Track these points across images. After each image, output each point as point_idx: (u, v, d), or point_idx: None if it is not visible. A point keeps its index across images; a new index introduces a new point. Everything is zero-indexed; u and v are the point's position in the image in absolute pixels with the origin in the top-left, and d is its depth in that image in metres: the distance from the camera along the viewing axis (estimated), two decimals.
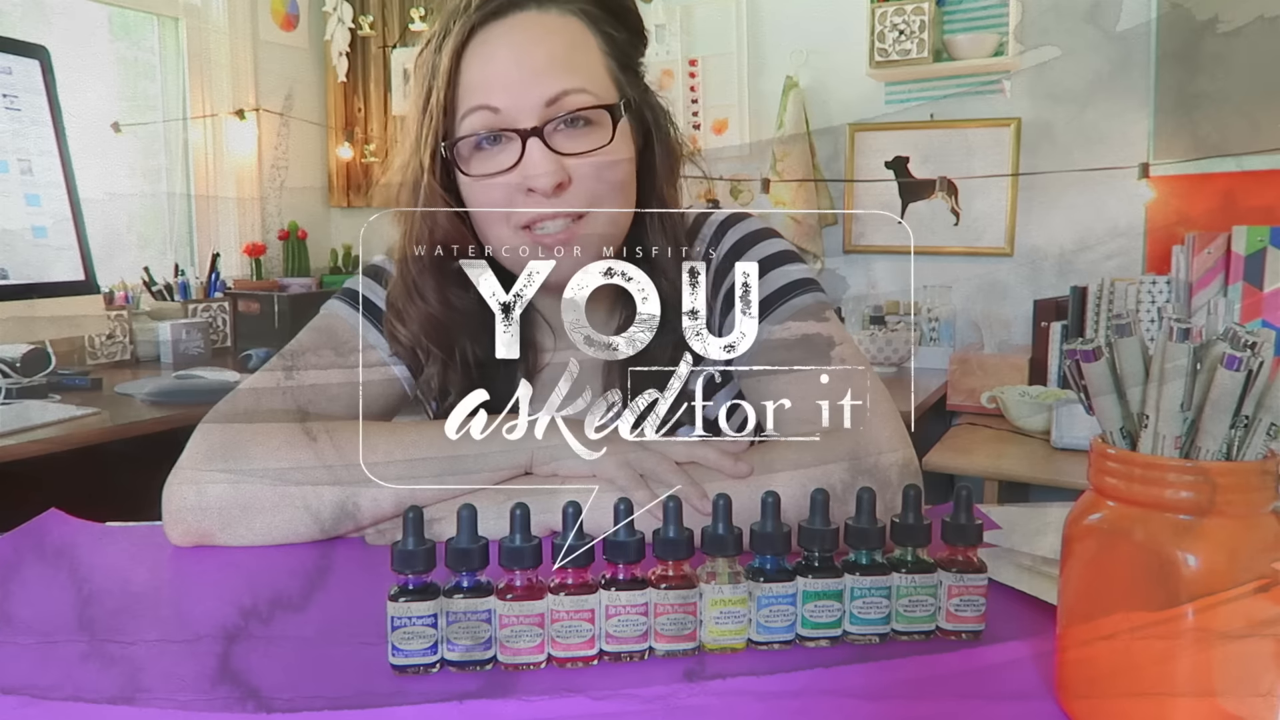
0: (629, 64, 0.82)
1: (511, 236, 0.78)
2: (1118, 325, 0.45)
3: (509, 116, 0.74)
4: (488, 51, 0.75)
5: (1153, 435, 0.43)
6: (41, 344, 2.03)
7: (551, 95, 0.74)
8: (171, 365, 2.48)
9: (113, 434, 1.75)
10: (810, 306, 0.83)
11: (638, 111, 0.82)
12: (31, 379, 1.99)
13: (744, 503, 0.56)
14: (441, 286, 0.81)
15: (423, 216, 0.78)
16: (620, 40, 0.81)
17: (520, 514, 0.50)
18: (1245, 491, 0.42)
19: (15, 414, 1.71)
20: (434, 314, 0.82)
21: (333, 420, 0.79)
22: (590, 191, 0.76)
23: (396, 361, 0.86)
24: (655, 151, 0.84)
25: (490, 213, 0.77)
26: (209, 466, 0.73)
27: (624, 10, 0.82)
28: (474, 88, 0.75)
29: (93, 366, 2.38)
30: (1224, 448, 0.43)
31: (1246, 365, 0.41)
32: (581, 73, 0.76)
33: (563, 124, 0.75)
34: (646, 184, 0.83)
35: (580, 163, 0.75)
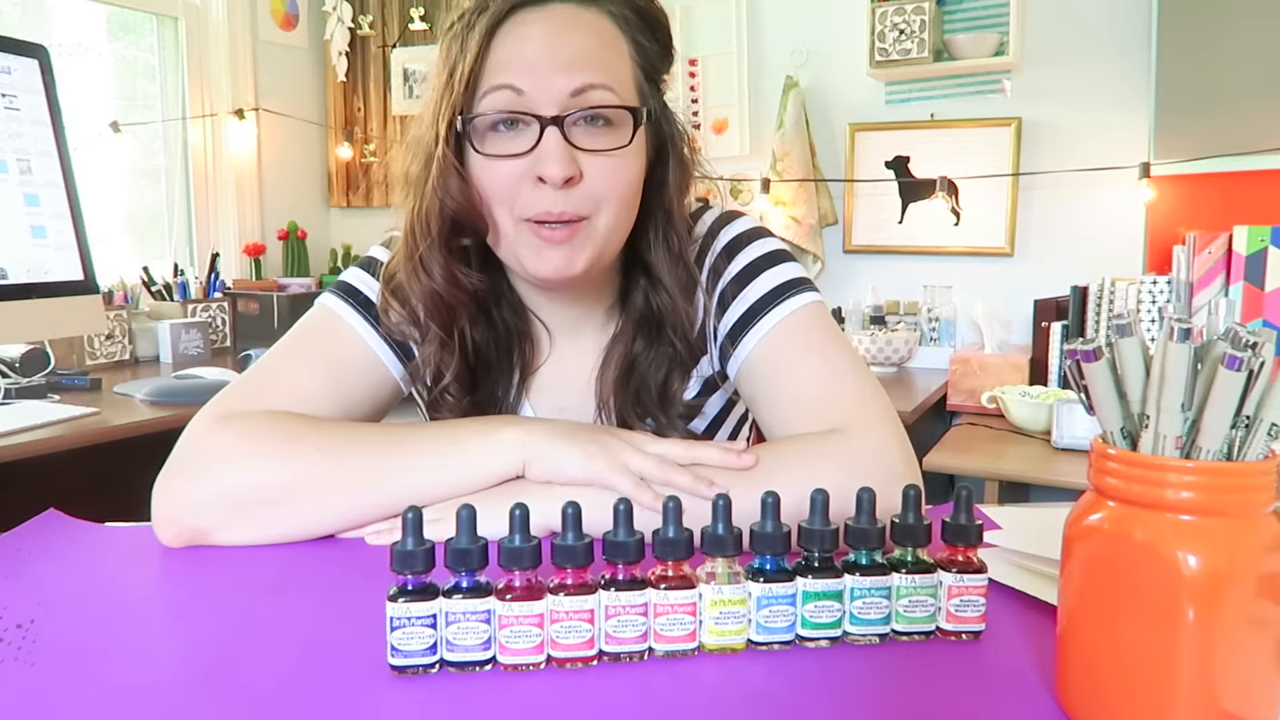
0: (654, 76, 0.82)
1: (511, 226, 0.77)
2: (1118, 325, 0.45)
3: (531, 100, 0.74)
4: (521, 32, 0.75)
5: (1153, 435, 0.43)
6: (41, 344, 2.03)
7: (577, 86, 0.74)
8: (171, 365, 2.48)
9: (112, 434, 1.75)
10: (805, 306, 0.83)
11: (656, 123, 0.82)
12: (31, 379, 1.99)
13: (744, 504, 0.55)
14: (448, 263, 0.80)
15: (436, 188, 0.77)
16: (650, 51, 0.81)
17: (519, 514, 0.50)
18: (1245, 491, 0.42)
19: (15, 414, 1.71)
20: (438, 290, 0.80)
21: (325, 419, 0.79)
22: (598, 192, 0.76)
23: (389, 354, 0.85)
24: (669, 166, 0.83)
25: (496, 196, 0.76)
26: (200, 468, 0.72)
27: (657, 23, 0.82)
28: (501, 66, 0.75)
29: (92, 366, 2.38)
30: (1224, 448, 0.42)
31: (1247, 365, 0.41)
32: (609, 71, 0.76)
33: (583, 119, 0.75)
34: (655, 198, 0.83)
35: (594, 160, 0.75)
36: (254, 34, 3.16)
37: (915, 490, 0.54)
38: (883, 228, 2.82)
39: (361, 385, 0.84)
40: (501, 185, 0.76)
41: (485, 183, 0.77)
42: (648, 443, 0.72)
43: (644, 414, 0.86)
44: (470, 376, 0.85)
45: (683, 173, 0.85)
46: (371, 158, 3.42)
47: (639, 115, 0.77)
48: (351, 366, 0.84)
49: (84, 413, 1.78)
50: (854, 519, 0.54)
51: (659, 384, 0.86)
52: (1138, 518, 0.43)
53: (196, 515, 0.70)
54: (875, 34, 2.60)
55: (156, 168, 3.03)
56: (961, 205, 2.68)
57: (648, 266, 0.85)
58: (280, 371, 0.82)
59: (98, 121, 2.81)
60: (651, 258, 0.84)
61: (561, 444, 0.70)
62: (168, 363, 2.51)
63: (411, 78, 3.32)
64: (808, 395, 0.78)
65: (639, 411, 0.86)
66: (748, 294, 0.84)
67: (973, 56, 2.55)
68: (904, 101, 2.75)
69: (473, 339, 0.84)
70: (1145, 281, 2.24)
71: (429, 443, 0.73)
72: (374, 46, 3.41)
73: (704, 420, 0.92)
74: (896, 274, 2.80)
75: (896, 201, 2.78)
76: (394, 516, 0.70)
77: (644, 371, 0.86)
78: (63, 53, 2.69)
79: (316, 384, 0.81)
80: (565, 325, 0.89)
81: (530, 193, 0.75)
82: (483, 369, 0.86)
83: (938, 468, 1.98)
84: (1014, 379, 2.32)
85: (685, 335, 0.85)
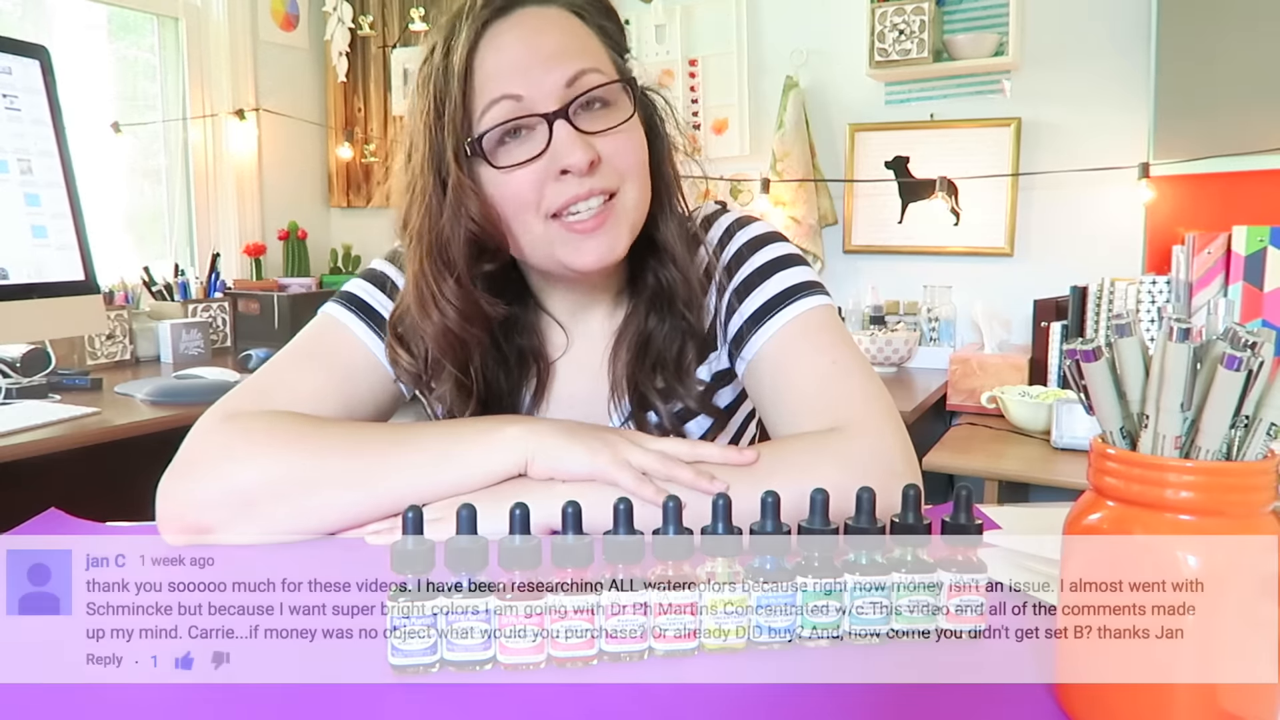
0: (621, 54, 0.85)
1: (541, 228, 0.78)
2: (1118, 325, 0.45)
3: (531, 102, 0.75)
4: (499, 44, 0.76)
5: (1153, 435, 0.43)
6: (41, 344, 2.03)
7: (570, 76, 0.76)
8: (171, 365, 2.48)
9: (113, 434, 1.75)
10: (814, 308, 0.84)
11: (641, 96, 0.84)
12: (31, 379, 1.99)
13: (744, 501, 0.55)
14: (471, 294, 0.79)
15: (455, 214, 0.77)
16: (612, 31, 0.84)
17: (520, 514, 0.50)
18: (1244, 491, 0.42)
19: (15, 414, 1.71)
20: (451, 327, 0.80)
21: (328, 419, 0.79)
22: (620, 168, 0.78)
23: None
24: (658, 136, 0.85)
25: (521, 203, 0.77)
26: (205, 465, 0.73)
27: (608, 8, 0.85)
28: (492, 80, 0.76)
29: (93, 366, 2.38)
30: (1224, 448, 0.43)
31: (1246, 365, 0.41)
32: (592, 55, 0.79)
33: (582, 106, 0.77)
34: (655, 169, 0.84)
35: (607, 141, 0.77)
36: (254, 34, 3.16)
37: (915, 490, 0.54)
38: (883, 228, 2.82)
39: (365, 390, 0.85)
40: (525, 191, 0.77)
41: (506, 195, 0.77)
42: (650, 440, 0.72)
43: (662, 388, 0.86)
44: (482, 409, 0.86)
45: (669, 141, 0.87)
46: (372, 158, 3.42)
47: (633, 86, 0.80)
48: (356, 371, 0.84)
49: (85, 413, 1.78)
50: (854, 518, 0.54)
51: (674, 356, 0.87)
52: (1137, 517, 0.43)
53: (200, 513, 0.71)
54: (875, 34, 2.60)
55: (157, 168, 3.03)
56: (961, 205, 2.68)
57: (654, 242, 0.85)
58: (286, 375, 0.82)
59: (98, 121, 2.81)
60: (659, 229, 0.85)
61: (564, 440, 0.70)
62: (168, 363, 2.51)
63: (412, 78, 3.31)
64: (811, 394, 0.79)
65: (657, 386, 0.86)
66: (758, 295, 0.85)
67: (972, 57, 2.55)
68: (904, 102, 2.75)
69: (484, 375, 0.85)
70: (1145, 281, 2.24)
71: (431, 441, 0.73)
72: (374, 47, 3.41)
73: (709, 418, 0.92)
74: (896, 274, 2.80)
75: (896, 201, 2.78)
76: (395, 515, 0.70)
77: (659, 345, 0.87)
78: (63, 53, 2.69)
79: (321, 387, 0.82)
80: (575, 313, 0.90)
81: (555, 189, 0.76)
82: (494, 400, 0.87)
83: (938, 468, 1.98)
84: (1014, 379, 2.32)
85: (695, 307, 0.86)
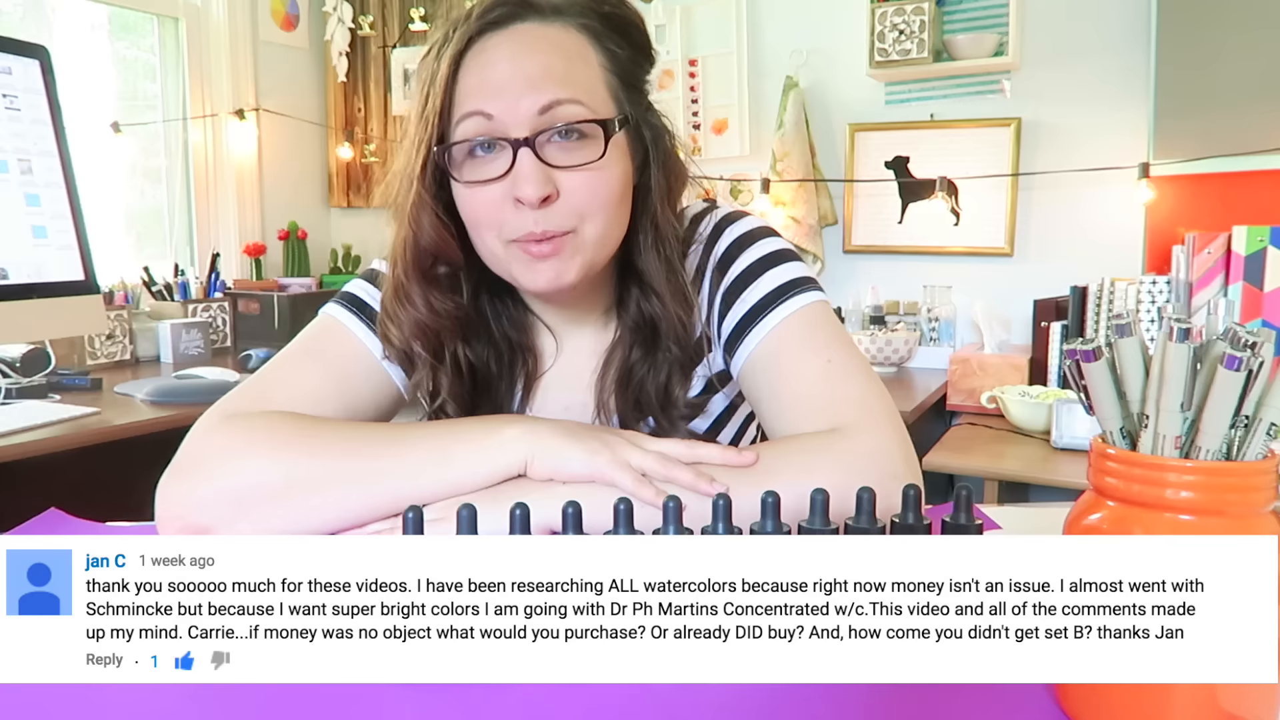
0: (632, 82, 0.82)
1: (500, 249, 0.78)
2: (1118, 325, 0.45)
3: (501, 124, 0.74)
4: (485, 59, 0.75)
5: (1153, 435, 0.44)
6: (41, 344, 2.03)
7: (545, 103, 0.74)
8: (171, 365, 2.49)
9: (113, 434, 1.75)
10: (809, 305, 0.83)
11: (636, 129, 0.81)
12: (31, 379, 1.99)
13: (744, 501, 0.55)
14: (426, 292, 0.82)
15: (411, 221, 0.79)
16: (623, 56, 0.80)
17: (520, 514, 0.50)
18: (1244, 491, 0.42)
19: (16, 414, 1.71)
20: (421, 319, 0.82)
21: (328, 419, 0.79)
22: (578, 207, 0.76)
23: (391, 364, 0.86)
24: (651, 172, 0.83)
25: (479, 221, 0.78)
26: (205, 465, 0.73)
27: (629, 27, 0.81)
28: (469, 94, 0.75)
29: (93, 366, 2.38)
30: (1224, 448, 0.43)
31: (1246, 365, 0.41)
32: (577, 85, 0.76)
33: (556, 135, 0.75)
34: (641, 204, 0.83)
35: (570, 176, 0.75)
36: (254, 34, 3.16)
37: (915, 490, 0.54)
38: (882, 228, 2.82)
39: (366, 391, 0.85)
40: (485, 210, 0.76)
41: (469, 209, 0.78)
42: (650, 441, 0.72)
43: (644, 418, 0.86)
44: (467, 396, 0.86)
45: (671, 177, 0.84)
46: (372, 158, 3.42)
47: (610, 126, 0.76)
48: (356, 372, 0.84)
49: (85, 413, 1.78)
50: (854, 519, 0.54)
51: (659, 388, 0.86)
52: (1137, 517, 0.43)
53: (199, 512, 0.71)
54: (875, 34, 2.60)
55: (157, 168, 3.03)
56: (961, 205, 2.68)
57: (639, 273, 0.85)
58: (286, 375, 0.82)
59: (98, 121, 2.81)
60: (642, 264, 0.84)
61: (564, 440, 0.70)
62: (168, 363, 2.52)
63: (412, 78, 3.31)
64: (809, 394, 0.78)
65: (639, 415, 0.86)
66: (750, 293, 0.84)
67: (972, 57, 2.55)
68: (904, 102, 2.76)
69: (468, 360, 0.85)
70: (1144, 281, 2.24)
71: (431, 440, 0.73)
72: (374, 47, 3.41)
73: (707, 420, 0.92)
74: (896, 274, 2.80)
75: (896, 201, 2.78)
76: (395, 515, 0.70)
77: (642, 377, 0.86)
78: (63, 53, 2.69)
79: (321, 387, 0.82)
80: (568, 324, 0.90)
81: (513, 215, 0.75)
82: (481, 387, 0.87)
83: (937, 468, 1.98)
84: (1014, 379, 2.32)
85: (682, 341, 0.85)
